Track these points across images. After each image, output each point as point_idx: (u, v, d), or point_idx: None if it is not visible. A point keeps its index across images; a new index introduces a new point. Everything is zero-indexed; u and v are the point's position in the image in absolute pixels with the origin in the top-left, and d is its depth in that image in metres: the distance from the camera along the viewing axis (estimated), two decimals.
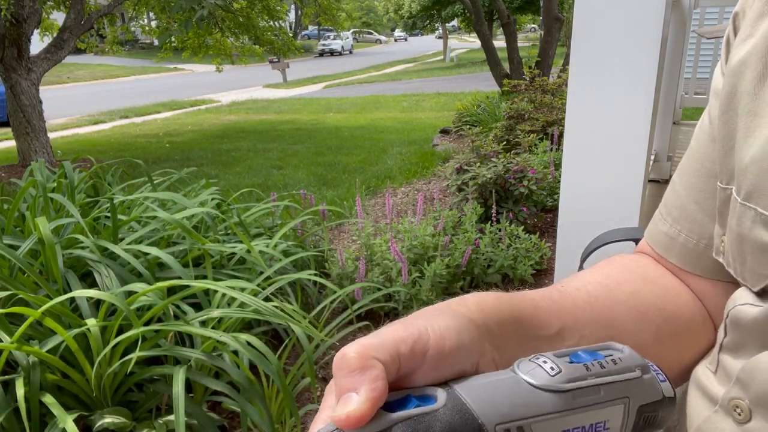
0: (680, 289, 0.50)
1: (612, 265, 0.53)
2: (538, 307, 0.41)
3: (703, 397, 0.44)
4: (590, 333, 0.43)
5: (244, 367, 1.48)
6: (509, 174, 3.11)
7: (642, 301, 0.48)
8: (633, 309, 0.47)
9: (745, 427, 0.38)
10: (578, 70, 1.39)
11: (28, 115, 5.41)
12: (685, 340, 0.48)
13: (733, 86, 0.42)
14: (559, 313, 0.42)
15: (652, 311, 0.47)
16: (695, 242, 0.49)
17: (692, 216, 0.49)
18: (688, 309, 0.49)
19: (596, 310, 0.45)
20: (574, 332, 0.42)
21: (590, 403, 0.30)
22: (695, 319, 0.49)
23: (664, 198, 0.53)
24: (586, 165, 1.45)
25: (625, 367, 0.32)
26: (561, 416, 0.29)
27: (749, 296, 0.39)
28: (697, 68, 5.20)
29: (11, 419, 1.34)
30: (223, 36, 7.69)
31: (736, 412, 0.38)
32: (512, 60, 8.29)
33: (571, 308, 0.44)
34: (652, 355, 0.42)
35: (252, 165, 5.64)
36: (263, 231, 2.62)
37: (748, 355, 0.38)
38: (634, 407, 0.32)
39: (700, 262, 0.49)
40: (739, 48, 0.42)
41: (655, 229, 0.53)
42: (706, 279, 0.49)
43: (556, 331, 0.41)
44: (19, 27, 5.20)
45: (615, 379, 0.32)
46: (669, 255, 0.51)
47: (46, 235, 1.66)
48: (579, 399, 0.30)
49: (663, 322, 0.47)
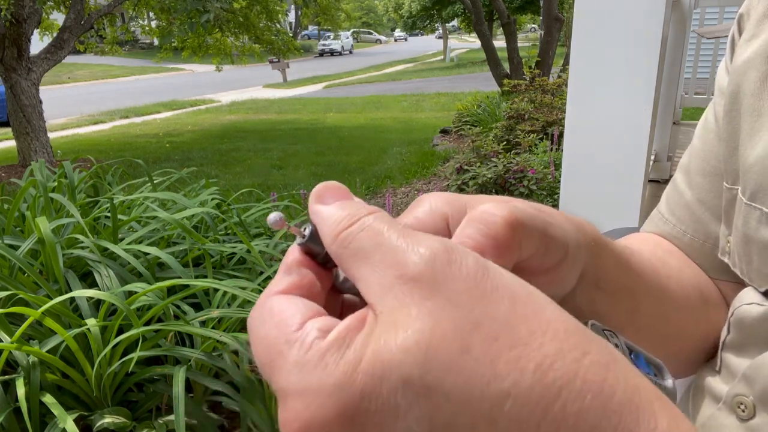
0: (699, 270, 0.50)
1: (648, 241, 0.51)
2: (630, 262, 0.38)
3: (706, 394, 0.44)
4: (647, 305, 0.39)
5: (244, 367, 1.48)
6: (509, 174, 3.11)
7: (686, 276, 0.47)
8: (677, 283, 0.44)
9: (749, 423, 0.38)
10: (578, 70, 1.39)
11: (28, 115, 5.41)
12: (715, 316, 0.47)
13: (737, 86, 0.42)
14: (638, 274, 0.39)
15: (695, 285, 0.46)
16: (701, 242, 0.48)
17: (698, 216, 0.49)
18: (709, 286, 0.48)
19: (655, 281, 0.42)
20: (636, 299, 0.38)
21: None
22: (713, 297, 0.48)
23: (664, 198, 0.53)
24: (586, 165, 1.45)
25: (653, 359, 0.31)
26: None
27: (755, 296, 0.39)
28: (697, 68, 5.20)
29: (11, 419, 1.34)
30: (223, 36, 7.69)
31: (740, 409, 0.38)
32: (512, 60, 8.30)
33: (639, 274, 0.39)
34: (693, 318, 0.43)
35: (252, 165, 5.64)
36: (263, 231, 2.62)
37: (752, 353, 0.38)
38: None
39: (706, 262, 0.48)
40: (744, 48, 0.42)
41: (656, 230, 0.53)
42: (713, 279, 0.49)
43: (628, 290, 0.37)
44: (19, 27, 5.21)
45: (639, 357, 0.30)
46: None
47: (46, 235, 1.66)
48: None
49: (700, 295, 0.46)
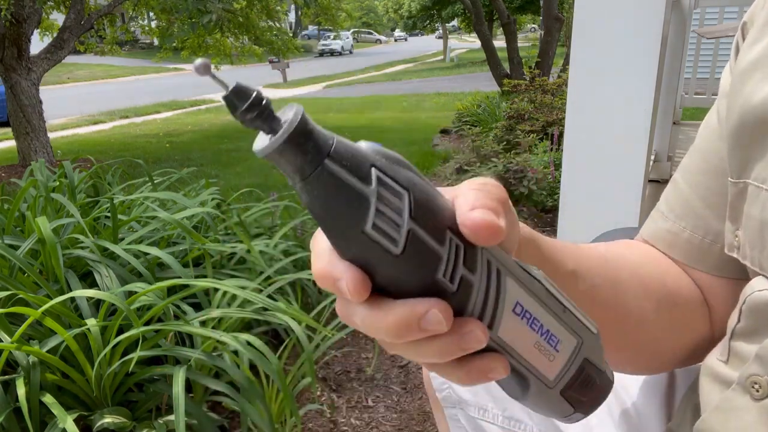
0: (681, 274, 0.51)
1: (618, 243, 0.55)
2: (556, 246, 0.42)
3: (715, 382, 0.44)
4: (600, 284, 0.44)
5: (244, 367, 1.48)
6: (509, 174, 3.12)
7: (645, 272, 0.49)
8: (637, 277, 0.48)
9: (763, 402, 0.39)
10: (578, 70, 1.39)
11: (28, 115, 5.41)
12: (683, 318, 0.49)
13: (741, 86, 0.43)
14: (575, 257, 0.44)
15: (654, 284, 0.49)
16: (701, 238, 0.49)
17: (697, 212, 0.50)
18: (687, 290, 0.50)
19: (606, 268, 0.46)
20: (587, 278, 0.44)
21: (553, 308, 0.32)
22: (694, 301, 0.50)
23: (663, 197, 0.54)
24: (586, 165, 1.45)
25: (587, 319, 0.34)
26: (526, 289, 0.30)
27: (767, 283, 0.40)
28: (697, 68, 5.20)
29: (11, 419, 1.34)
30: (223, 36, 7.69)
31: (753, 389, 0.39)
32: (512, 60, 8.30)
33: (586, 257, 0.45)
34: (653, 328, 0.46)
35: (252, 165, 5.64)
36: (263, 231, 2.62)
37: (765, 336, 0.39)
38: (582, 354, 0.33)
39: (706, 258, 0.49)
40: (748, 51, 0.43)
41: (655, 227, 0.54)
42: (710, 275, 0.50)
43: (571, 270, 0.42)
44: (19, 27, 5.20)
45: (578, 313, 0.33)
46: (672, 251, 0.52)
47: (46, 235, 1.66)
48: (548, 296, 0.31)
49: (664, 297, 0.48)
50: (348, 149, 0.26)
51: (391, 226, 0.26)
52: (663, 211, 0.53)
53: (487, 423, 0.67)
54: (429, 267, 0.27)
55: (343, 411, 1.80)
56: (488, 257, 0.29)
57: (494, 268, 0.29)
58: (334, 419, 1.76)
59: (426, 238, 0.26)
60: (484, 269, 0.29)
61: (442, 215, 0.27)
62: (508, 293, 0.30)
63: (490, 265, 0.29)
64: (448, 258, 0.27)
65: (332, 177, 0.25)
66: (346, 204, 0.25)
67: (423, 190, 0.27)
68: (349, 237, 0.26)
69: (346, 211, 0.25)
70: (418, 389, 1.90)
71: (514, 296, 0.30)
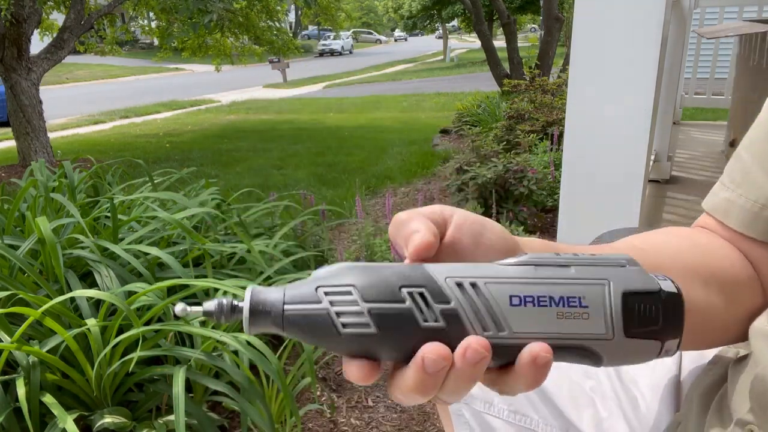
0: (727, 251, 0.52)
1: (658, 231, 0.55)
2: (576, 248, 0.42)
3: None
4: None
5: (244, 367, 1.48)
6: (509, 174, 3.11)
7: (687, 257, 0.50)
8: (679, 261, 0.49)
9: None
10: (578, 70, 1.39)
11: (28, 115, 5.41)
12: (732, 295, 0.50)
13: None
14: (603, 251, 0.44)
15: (698, 267, 0.49)
16: (752, 202, 0.51)
17: (754, 179, 0.51)
18: (733, 267, 0.51)
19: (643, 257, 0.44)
20: None
21: (557, 277, 0.33)
22: (743, 277, 0.51)
23: (726, 170, 0.56)
24: (586, 165, 1.45)
25: (605, 258, 0.34)
26: (514, 282, 0.32)
27: None
28: (697, 68, 5.20)
29: (11, 419, 1.34)
30: (222, 36, 7.69)
31: None
32: (512, 60, 8.29)
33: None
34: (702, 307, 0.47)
35: (252, 165, 5.64)
36: (263, 231, 2.62)
37: None
38: (617, 291, 0.33)
39: (757, 223, 0.50)
40: None
41: (715, 198, 0.55)
42: (762, 244, 0.51)
43: None
44: (19, 27, 5.20)
45: (590, 260, 0.34)
46: (727, 219, 0.53)
47: (46, 235, 1.66)
48: (542, 271, 0.33)
49: (709, 277, 0.49)
50: (298, 292, 0.32)
51: (356, 317, 0.31)
52: (724, 181, 0.55)
53: (492, 417, 0.67)
54: (408, 324, 0.31)
55: (343, 411, 1.80)
56: (457, 281, 0.32)
57: (467, 285, 0.32)
58: (334, 419, 1.76)
59: (387, 307, 0.31)
60: (456, 293, 0.31)
61: (391, 280, 0.31)
62: (494, 295, 0.32)
63: (462, 285, 0.32)
64: (417, 306, 0.31)
65: (296, 316, 0.31)
66: (317, 326, 0.31)
67: (366, 275, 0.32)
68: (336, 344, 0.31)
69: (321, 330, 0.31)
70: None
71: (504, 293, 0.32)
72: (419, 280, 0.31)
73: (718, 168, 3.54)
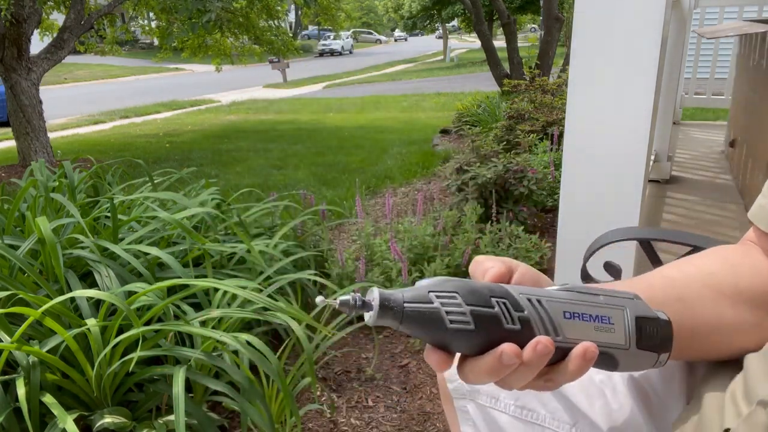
0: (762, 267, 0.56)
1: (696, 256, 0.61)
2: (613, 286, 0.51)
3: None
4: (666, 304, 0.52)
5: (244, 367, 1.48)
6: (509, 174, 3.11)
7: (717, 280, 0.55)
8: (708, 287, 0.55)
9: None
10: (578, 70, 1.39)
11: (28, 115, 5.41)
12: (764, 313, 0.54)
13: None
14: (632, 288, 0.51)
15: (728, 289, 0.54)
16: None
17: None
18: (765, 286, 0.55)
19: (670, 288, 0.55)
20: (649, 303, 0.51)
21: (592, 301, 0.45)
22: None
23: None
24: (586, 165, 1.45)
25: (621, 293, 0.47)
26: (565, 302, 0.44)
27: None
28: (697, 68, 5.20)
29: (11, 419, 1.34)
30: (222, 36, 7.69)
31: None
32: (512, 60, 8.29)
33: (645, 288, 0.53)
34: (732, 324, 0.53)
35: (252, 165, 5.64)
36: (263, 231, 2.62)
37: None
38: (632, 315, 0.46)
39: None
40: None
41: (756, 207, 0.59)
42: None
43: None
44: (19, 27, 5.20)
45: (611, 293, 0.47)
46: (761, 223, 0.57)
47: (46, 235, 1.66)
48: (581, 296, 0.45)
49: (737, 296, 0.54)
50: (413, 294, 0.41)
51: (460, 316, 0.41)
52: (764, 192, 0.57)
53: (497, 412, 0.67)
54: (496, 324, 0.41)
55: (343, 411, 1.80)
56: (527, 297, 0.43)
57: (534, 300, 0.43)
58: (334, 419, 1.76)
59: (483, 310, 0.41)
60: (528, 305, 0.43)
61: (483, 291, 0.42)
62: (553, 309, 0.43)
63: (531, 300, 0.43)
64: (503, 312, 0.42)
65: (413, 312, 0.40)
66: (429, 321, 0.40)
67: (465, 285, 0.42)
68: (443, 337, 0.41)
69: (432, 324, 0.40)
70: (418, 389, 1.91)
71: (559, 308, 0.44)
72: (502, 293, 0.43)
73: (718, 168, 3.55)
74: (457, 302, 0.41)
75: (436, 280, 0.42)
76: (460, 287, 0.42)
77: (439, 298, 0.41)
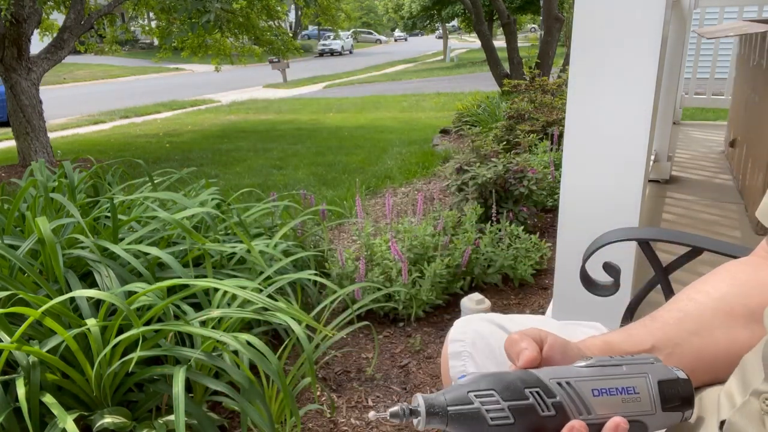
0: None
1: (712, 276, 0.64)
2: (631, 335, 0.57)
3: None
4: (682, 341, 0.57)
5: (244, 367, 1.48)
6: (509, 174, 3.11)
7: (728, 303, 0.59)
8: (720, 312, 0.58)
9: None
10: (578, 70, 1.39)
11: (28, 115, 5.41)
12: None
13: None
14: (651, 332, 0.57)
15: (739, 309, 0.58)
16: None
17: None
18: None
19: (685, 322, 0.58)
20: (668, 345, 0.56)
21: (616, 374, 0.48)
22: None
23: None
24: (586, 165, 1.45)
25: (642, 358, 0.51)
26: (592, 379, 0.47)
27: None
28: (697, 68, 5.20)
29: (11, 419, 1.34)
30: (222, 36, 7.68)
31: None
32: (512, 60, 8.29)
33: (660, 327, 0.58)
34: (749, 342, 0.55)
35: (252, 165, 5.64)
36: (263, 231, 2.62)
37: None
38: (654, 381, 0.49)
39: None
40: None
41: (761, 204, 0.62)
42: None
43: (650, 347, 0.56)
44: (19, 27, 5.20)
45: (633, 361, 0.50)
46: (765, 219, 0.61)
47: (46, 235, 1.66)
48: (606, 370, 0.48)
49: (749, 316, 0.57)
50: (454, 396, 0.45)
51: (499, 413, 0.44)
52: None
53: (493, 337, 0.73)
54: (533, 414, 0.45)
55: (343, 411, 1.80)
56: (557, 381, 0.46)
57: (564, 383, 0.46)
58: (334, 419, 1.76)
59: (518, 404, 0.44)
60: (559, 390, 0.46)
61: (517, 384, 0.45)
62: (582, 389, 0.47)
63: (560, 383, 0.46)
64: (537, 402, 0.45)
65: (457, 415, 0.44)
66: (472, 420, 0.44)
67: (500, 381, 0.46)
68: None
69: (475, 423, 0.44)
70: (418, 389, 1.90)
71: (588, 387, 0.47)
72: (534, 382, 0.46)
73: (718, 168, 3.55)
74: (495, 399, 0.44)
75: (474, 378, 0.46)
76: (496, 383, 0.45)
77: (478, 398, 0.44)
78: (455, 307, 2.38)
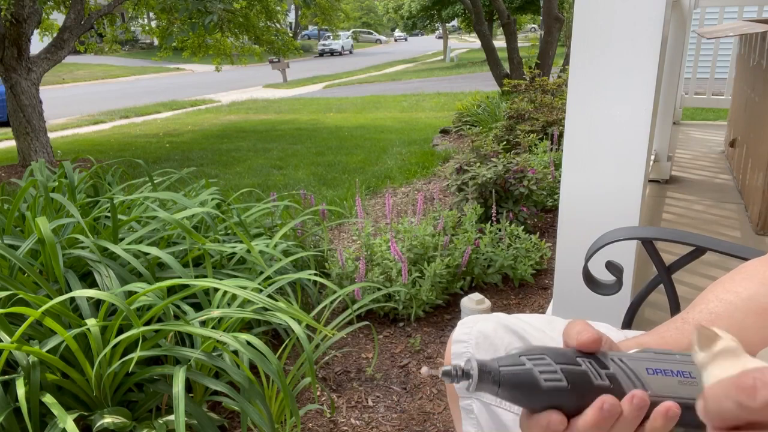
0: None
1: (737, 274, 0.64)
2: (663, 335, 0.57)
3: None
4: None
5: (244, 367, 1.48)
6: (509, 174, 3.11)
7: (758, 302, 0.59)
8: (751, 312, 0.58)
9: None
10: (578, 71, 1.39)
11: (28, 115, 5.41)
12: None
13: None
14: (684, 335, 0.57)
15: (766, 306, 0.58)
16: None
17: None
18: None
19: (717, 323, 0.58)
20: None
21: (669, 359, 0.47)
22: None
23: None
24: (586, 165, 1.45)
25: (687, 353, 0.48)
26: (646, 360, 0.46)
27: None
28: (697, 68, 5.20)
29: (11, 419, 1.34)
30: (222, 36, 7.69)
31: None
32: (512, 60, 8.29)
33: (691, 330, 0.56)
34: None
35: (252, 165, 5.64)
36: (263, 231, 2.62)
37: None
38: None
39: None
40: None
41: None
42: None
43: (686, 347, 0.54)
44: (19, 27, 5.20)
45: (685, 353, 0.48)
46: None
47: (46, 235, 1.66)
48: (659, 356, 0.47)
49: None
50: (507, 359, 0.44)
51: (553, 374, 0.43)
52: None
53: (503, 410, 0.70)
54: (587, 381, 0.43)
55: (343, 411, 1.80)
56: (611, 357, 0.46)
57: (616, 359, 0.46)
58: (334, 419, 1.76)
59: (572, 368, 0.43)
60: (613, 364, 0.45)
61: (568, 352, 0.45)
62: (636, 366, 0.45)
63: (614, 359, 0.46)
64: (591, 370, 0.44)
65: (509, 374, 0.43)
66: (524, 382, 0.43)
67: (552, 348, 0.45)
68: (538, 396, 0.43)
69: (528, 385, 0.43)
70: (418, 389, 1.90)
71: (641, 365, 0.46)
72: (587, 354, 0.45)
73: (718, 168, 3.55)
74: (548, 362, 0.44)
75: (526, 346, 0.46)
76: (548, 350, 0.45)
77: (530, 360, 0.44)
78: (455, 307, 2.38)
